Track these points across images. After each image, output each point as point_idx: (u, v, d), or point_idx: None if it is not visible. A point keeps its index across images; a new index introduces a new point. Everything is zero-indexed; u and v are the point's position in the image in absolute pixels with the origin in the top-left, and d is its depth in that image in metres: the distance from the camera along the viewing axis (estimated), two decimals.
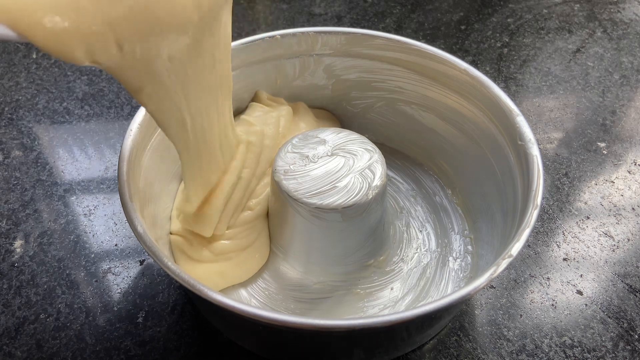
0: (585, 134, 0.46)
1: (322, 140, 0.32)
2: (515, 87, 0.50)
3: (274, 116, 0.37)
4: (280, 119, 0.37)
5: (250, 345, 0.32)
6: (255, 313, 0.23)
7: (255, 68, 0.38)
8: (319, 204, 0.29)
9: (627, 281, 0.36)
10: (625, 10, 0.60)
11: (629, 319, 0.34)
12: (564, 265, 0.37)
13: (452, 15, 0.59)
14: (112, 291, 0.35)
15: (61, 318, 0.33)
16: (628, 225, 0.39)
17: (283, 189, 0.30)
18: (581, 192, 0.41)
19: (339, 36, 0.37)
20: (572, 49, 0.55)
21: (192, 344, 0.33)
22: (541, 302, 0.35)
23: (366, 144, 0.32)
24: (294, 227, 0.32)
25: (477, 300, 0.35)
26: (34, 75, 0.51)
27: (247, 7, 0.60)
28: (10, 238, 0.38)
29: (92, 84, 0.50)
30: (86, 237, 0.38)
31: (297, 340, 0.29)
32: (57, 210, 0.39)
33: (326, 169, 0.31)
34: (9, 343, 0.32)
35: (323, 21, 0.58)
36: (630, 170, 0.43)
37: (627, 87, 0.50)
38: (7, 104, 0.48)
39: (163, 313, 0.34)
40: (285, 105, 0.38)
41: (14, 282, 0.35)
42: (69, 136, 0.45)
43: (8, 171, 0.42)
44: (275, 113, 0.37)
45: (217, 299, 0.23)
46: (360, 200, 0.29)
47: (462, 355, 0.32)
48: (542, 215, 0.40)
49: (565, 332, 0.33)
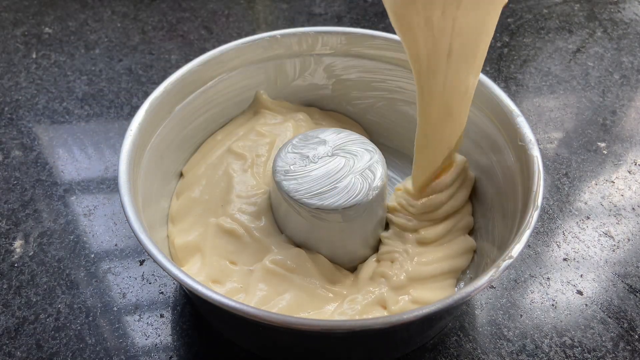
0: (586, 134, 0.46)
1: (323, 140, 0.32)
2: (516, 87, 0.50)
3: (290, 126, 0.37)
4: (300, 128, 0.37)
5: (250, 345, 0.32)
6: (255, 313, 0.23)
7: (255, 68, 0.38)
8: (319, 204, 0.29)
9: (627, 281, 0.36)
10: (626, 10, 0.60)
11: (629, 319, 0.34)
12: (564, 265, 0.37)
13: None
14: (112, 291, 0.35)
15: (61, 318, 0.33)
16: (628, 225, 0.39)
17: (283, 190, 0.30)
18: (581, 192, 0.41)
19: (339, 36, 0.37)
20: (572, 48, 0.55)
21: (192, 344, 0.33)
22: (541, 302, 0.35)
23: (366, 144, 0.32)
24: (294, 227, 0.32)
25: (477, 300, 0.35)
26: (33, 75, 0.51)
27: (247, 7, 0.60)
28: (10, 238, 0.38)
29: (92, 84, 0.50)
30: (86, 237, 0.38)
31: (297, 340, 0.29)
32: (57, 210, 0.39)
33: (326, 169, 0.31)
34: (8, 343, 0.32)
35: (323, 21, 0.58)
36: (630, 170, 0.43)
37: (627, 87, 0.50)
38: (7, 104, 0.48)
39: (163, 313, 0.34)
40: (299, 113, 0.39)
41: (13, 282, 0.35)
42: (69, 136, 0.45)
43: (8, 171, 0.42)
44: (290, 122, 0.37)
45: (217, 299, 0.23)
46: (360, 200, 0.29)
47: (462, 356, 0.32)
48: (542, 215, 0.40)
49: (566, 332, 0.33)
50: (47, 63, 0.52)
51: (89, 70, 0.51)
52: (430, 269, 0.31)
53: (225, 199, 0.33)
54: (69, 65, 0.52)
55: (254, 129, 0.37)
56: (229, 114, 0.39)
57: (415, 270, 0.31)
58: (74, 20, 0.57)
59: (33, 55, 0.53)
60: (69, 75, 0.51)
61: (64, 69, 0.51)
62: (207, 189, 0.34)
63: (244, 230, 0.32)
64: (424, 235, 0.32)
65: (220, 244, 0.32)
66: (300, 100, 0.41)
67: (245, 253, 0.31)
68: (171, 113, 0.34)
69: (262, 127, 0.37)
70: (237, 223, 0.32)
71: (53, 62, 0.52)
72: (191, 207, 0.34)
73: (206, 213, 0.33)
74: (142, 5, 0.59)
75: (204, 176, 0.35)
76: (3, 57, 0.52)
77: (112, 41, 0.54)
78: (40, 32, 0.55)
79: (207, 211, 0.33)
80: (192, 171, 0.36)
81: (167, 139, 0.34)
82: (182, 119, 0.35)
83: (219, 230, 0.32)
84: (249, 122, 0.38)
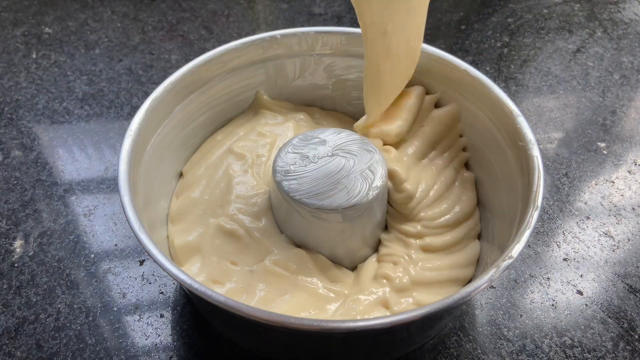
0: (586, 134, 0.46)
1: (323, 140, 0.32)
2: (516, 87, 0.50)
3: (291, 126, 0.37)
4: (300, 127, 0.37)
5: (250, 345, 0.32)
6: (255, 313, 0.23)
7: (255, 68, 0.38)
8: (319, 204, 0.29)
9: (627, 281, 0.36)
10: (626, 10, 0.60)
11: (629, 319, 0.34)
12: (564, 265, 0.37)
13: (452, 15, 0.59)
14: (112, 291, 0.35)
15: (61, 318, 0.33)
16: (628, 225, 0.39)
17: (283, 190, 0.30)
18: (581, 192, 0.41)
19: (339, 36, 0.37)
20: (572, 48, 0.55)
21: (192, 344, 0.33)
22: (541, 302, 0.35)
23: (366, 144, 0.32)
24: (294, 227, 0.32)
25: (477, 300, 0.35)
26: (33, 75, 0.51)
27: (247, 7, 0.60)
28: (10, 238, 0.38)
29: (92, 84, 0.50)
30: (86, 237, 0.38)
31: (297, 341, 0.29)
32: (57, 210, 0.39)
33: (326, 169, 0.31)
34: (8, 343, 0.32)
35: (323, 21, 0.58)
36: (630, 170, 0.43)
37: (627, 87, 0.50)
38: (6, 104, 0.48)
39: (163, 313, 0.34)
40: (299, 113, 0.39)
41: (13, 282, 0.35)
42: (69, 136, 0.45)
43: (8, 171, 0.42)
44: (291, 123, 0.37)
45: (217, 299, 0.23)
46: (360, 200, 0.29)
47: (462, 356, 0.32)
48: (542, 215, 0.40)
49: (566, 332, 0.33)
50: (47, 63, 0.52)
51: (89, 70, 0.51)
52: (435, 274, 0.31)
53: (225, 200, 0.33)
54: (69, 65, 0.52)
55: (255, 129, 0.37)
56: (229, 114, 0.39)
57: (420, 275, 0.31)
58: (74, 20, 0.57)
59: (33, 55, 0.53)
60: (69, 75, 0.51)
61: (64, 69, 0.51)
62: (207, 189, 0.34)
63: (244, 231, 0.32)
64: (429, 243, 0.32)
65: (220, 245, 0.32)
66: (300, 100, 0.41)
67: (245, 253, 0.31)
68: (171, 113, 0.34)
69: (262, 127, 0.37)
70: (237, 223, 0.32)
71: (53, 62, 0.52)
72: (191, 208, 0.34)
73: (206, 213, 0.33)
74: (142, 5, 0.59)
75: (204, 176, 0.35)
76: (3, 57, 0.52)
77: (112, 41, 0.54)
78: (40, 32, 0.55)
79: (207, 211, 0.33)
80: (192, 171, 0.36)
81: (167, 139, 0.34)
82: (182, 119, 0.35)
83: (219, 231, 0.32)
84: (249, 122, 0.38)
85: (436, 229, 0.33)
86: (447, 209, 0.33)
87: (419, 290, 0.30)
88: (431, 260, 0.31)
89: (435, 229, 0.33)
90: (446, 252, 0.32)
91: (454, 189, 0.35)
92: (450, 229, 0.33)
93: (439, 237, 0.32)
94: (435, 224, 0.33)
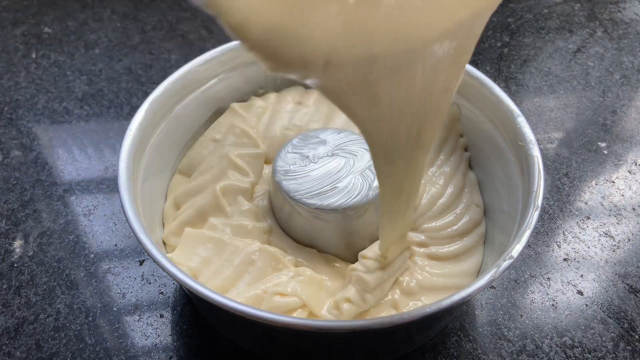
0: (586, 134, 0.46)
1: (323, 140, 0.32)
2: (516, 87, 0.50)
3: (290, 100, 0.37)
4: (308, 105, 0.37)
5: (250, 345, 0.32)
6: (255, 313, 0.23)
7: (255, 68, 0.38)
8: (319, 204, 0.29)
9: (627, 281, 0.36)
10: (626, 10, 0.60)
11: (630, 319, 0.34)
12: (565, 265, 0.37)
13: None
14: (112, 291, 0.35)
15: (61, 318, 0.33)
16: (628, 225, 0.39)
17: (283, 190, 0.30)
18: (582, 192, 0.41)
19: None
20: (573, 48, 0.55)
21: (192, 344, 0.32)
22: (541, 303, 0.35)
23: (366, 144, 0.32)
24: (297, 228, 0.32)
25: (477, 300, 0.35)
26: (33, 75, 0.51)
27: None
28: (10, 238, 0.38)
29: (91, 83, 0.50)
30: (86, 237, 0.38)
31: (297, 341, 0.29)
32: (57, 210, 0.39)
33: (326, 169, 0.31)
34: (8, 343, 0.32)
35: None
36: (630, 170, 0.43)
37: (627, 87, 0.50)
38: (6, 104, 0.48)
39: (163, 313, 0.34)
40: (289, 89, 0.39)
41: (13, 282, 0.35)
42: (69, 136, 0.45)
43: (7, 171, 0.42)
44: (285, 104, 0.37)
45: (217, 299, 0.23)
46: (360, 200, 0.29)
47: (462, 356, 0.32)
48: (543, 215, 0.40)
49: (566, 333, 0.33)
50: (46, 63, 0.52)
51: (89, 70, 0.51)
52: (443, 280, 0.30)
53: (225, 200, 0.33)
54: (69, 65, 0.52)
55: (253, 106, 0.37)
56: None
57: (426, 279, 0.30)
58: (74, 20, 0.57)
59: (33, 55, 0.53)
60: (68, 75, 0.51)
61: (63, 68, 0.51)
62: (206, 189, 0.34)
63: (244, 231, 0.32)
64: (435, 252, 0.31)
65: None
66: None
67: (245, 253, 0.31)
68: (171, 113, 0.34)
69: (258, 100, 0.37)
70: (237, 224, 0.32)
71: (53, 62, 0.52)
72: None
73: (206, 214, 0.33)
74: (142, 5, 0.59)
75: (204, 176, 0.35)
76: (3, 57, 0.52)
77: (112, 41, 0.54)
78: (40, 32, 0.55)
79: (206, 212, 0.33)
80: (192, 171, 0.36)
81: (167, 138, 0.34)
82: (182, 119, 0.35)
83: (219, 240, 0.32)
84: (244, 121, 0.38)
85: (442, 239, 0.32)
86: (455, 220, 0.32)
87: (427, 295, 0.30)
88: (439, 267, 0.31)
89: (441, 239, 0.32)
90: (454, 261, 0.31)
91: (463, 196, 0.34)
92: (458, 238, 0.32)
93: (445, 247, 0.32)
94: (440, 235, 0.32)
